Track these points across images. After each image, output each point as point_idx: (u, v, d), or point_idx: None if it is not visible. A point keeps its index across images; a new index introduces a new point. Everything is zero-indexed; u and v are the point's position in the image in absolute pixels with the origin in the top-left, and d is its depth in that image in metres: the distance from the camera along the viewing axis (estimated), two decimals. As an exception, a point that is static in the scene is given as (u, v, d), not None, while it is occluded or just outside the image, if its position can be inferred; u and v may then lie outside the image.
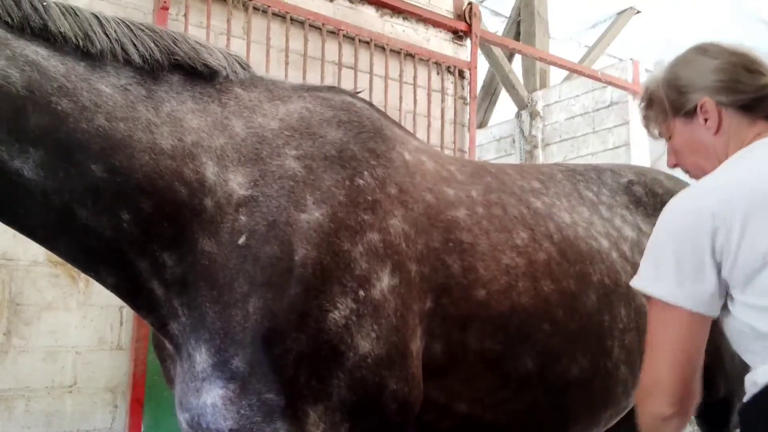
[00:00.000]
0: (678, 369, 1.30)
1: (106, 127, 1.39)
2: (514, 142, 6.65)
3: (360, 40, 4.10)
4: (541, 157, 6.31)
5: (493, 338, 1.71)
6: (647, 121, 1.62)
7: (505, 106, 7.11)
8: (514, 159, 6.56)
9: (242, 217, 1.46)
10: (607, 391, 1.98)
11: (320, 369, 1.43)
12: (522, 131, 6.47)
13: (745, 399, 1.29)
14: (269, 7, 3.75)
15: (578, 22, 7.95)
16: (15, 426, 2.94)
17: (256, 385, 1.42)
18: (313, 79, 3.82)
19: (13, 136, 1.32)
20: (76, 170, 1.37)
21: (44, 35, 1.40)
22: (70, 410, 3.08)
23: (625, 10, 7.53)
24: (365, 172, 1.60)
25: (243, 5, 3.70)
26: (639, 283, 1.36)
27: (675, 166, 1.61)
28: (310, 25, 3.90)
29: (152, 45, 1.52)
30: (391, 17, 4.43)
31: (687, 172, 1.60)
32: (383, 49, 4.20)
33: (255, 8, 3.73)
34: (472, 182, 1.88)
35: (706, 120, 1.46)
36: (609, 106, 5.93)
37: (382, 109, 4.05)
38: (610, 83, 5.66)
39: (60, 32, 1.41)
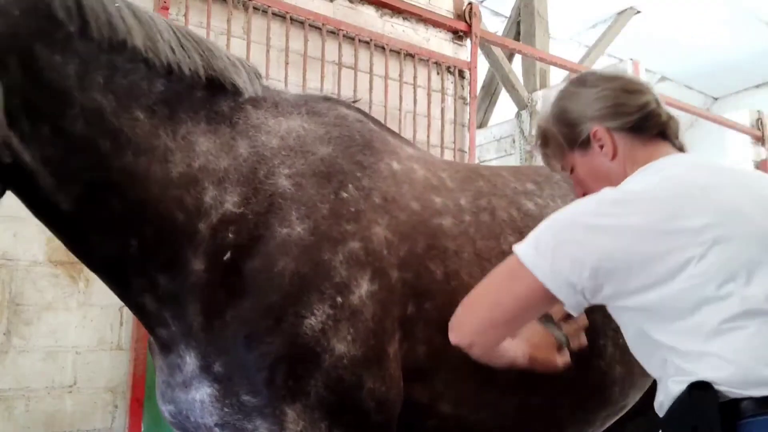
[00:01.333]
0: (498, 329, 1.36)
1: (132, 163, 1.45)
2: (514, 142, 6.65)
3: (360, 40, 4.10)
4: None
5: None
6: (547, 158, 1.64)
7: (505, 106, 7.10)
8: (514, 159, 6.56)
9: (230, 235, 1.53)
10: (602, 391, 1.97)
11: (297, 370, 1.49)
12: (522, 131, 6.46)
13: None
14: (269, 7, 3.75)
15: (578, 22, 7.95)
16: (15, 426, 2.94)
17: (235, 387, 1.49)
18: (313, 79, 3.83)
19: (67, 176, 1.39)
20: (101, 204, 1.45)
21: (119, 49, 1.45)
22: (70, 410, 3.08)
23: (625, 10, 7.52)
24: (350, 185, 1.66)
25: (243, 5, 3.70)
26: (518, 247, 1.34)
27: (584, 195, 1.60)
28: (310, 25, 3.90)
29: (197, 58, 1.57)
30: (391, 17, 4.43)
31: None
32: (383, 49, 4.20)
33: (255, 8, 3.73)
34: (462, 189, 1.91)
35: (601, 147, 1.49)
36: (609, 106, 5.92)
37: (382, 109, 4.06)
38: (610, 83, 5.65)
39: (134, 46, 1.47)
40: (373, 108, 4.01)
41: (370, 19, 4.31)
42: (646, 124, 1.48)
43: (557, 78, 6.81)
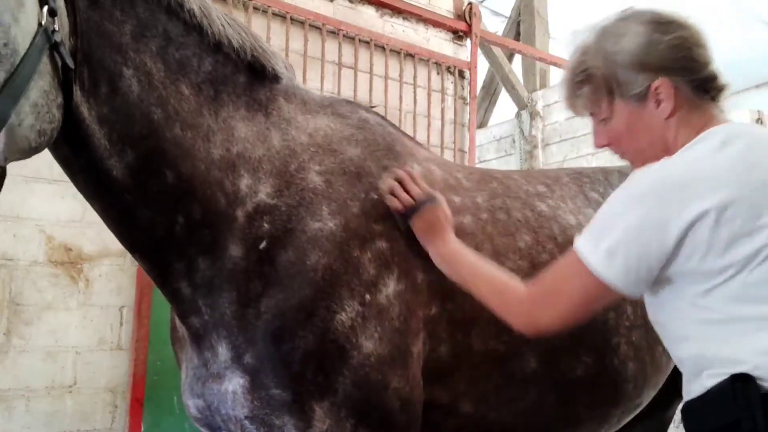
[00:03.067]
0: (569, 320, 1.39)
1: (180, 135, 1.47)
2: (514, 142, 6.65)
3: (360, 40, 4.10)
4: (541, 157, 6.30)
5: (497, 339, 1.75)
6: (578, 99, 1.41)
7: (505, 106, 7.10)
8: (514, 159, 6.56)
9: (265, 225, 1.55)
10: (616, 389, 2.00)
11: (326, 366, 1.50)
12: (522, 131, 6.46)
13: (691, 397, 1.30)
14: (269, 7, 3.76)
15: (578, 22, 7.95)
16: (15, 426, 2.95)
17: (264, 380, 1.50)
18: (313, 79, 3.83)
19: (120, 140, 1.41)
20: (153, 174, 1.45)
21: (176, 11, 1.49)
22: (70, 410, 3.08)
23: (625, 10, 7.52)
24: (378, 187, 1.68)
25: (243, 5, 3.70)
26: (582, 245, 1.31)
27: (604, 146, 1.43)
28: (310, 25, 3.90)
29: (245, 36, 1.62)
30: (391, 17, 4.43)
31: (622, 155, 1.43)
32: (383, 49, 4.20)
33: (255, 8, 3.73)
34: (478, 189, 1.94)
35: (658, 103, 1.31)
36: (609, 106, 5.92)
37: (382, 109, 4.06)
38: (610, 83, 5.66)
39: (191, 8, 1.51)
40: (373, 108, 4.02)
41: (370, 19, 4.31)
42: (709, 85, 1.31)
43: (557, 78, 6.81)
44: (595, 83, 1.37)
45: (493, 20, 7.56)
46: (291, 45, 3.78)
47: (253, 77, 1.64)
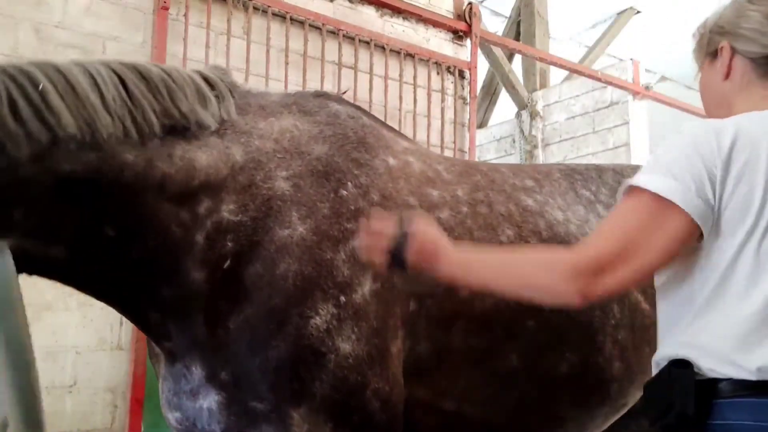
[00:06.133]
0: (640, 276, 1.22)
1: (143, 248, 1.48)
2: (514, 142, 6.65)
3: (360, 40, 4.10)
4: (541, 157, 6.30)
5: (478, 336, 1.74)
6: (694, 53, 1.53)
7: (505, 106, 7.10)
8: (514, 159, 6.56)
9: (229, 243, 1.52)
10: (601, 387, 1.99)
11: (302, 372, 1.49)
12: (522, 131, 6.46)
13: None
14: (269, 7, 3.76)
15: (578, 22, 7.95)
16: (15, 426, 2.94)
17: (240, 395, 1.49)
18: (313, 79, 3.83)
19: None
20: (103, 240, 1.44)
21: (53, 142, 1.34)
22: (70, 410, 3.08)
23: (625, 10, 7.52)
24: (348, 183, 1.65)
25: (243, 5, 3.70)
26: (638, 178, 1.23)
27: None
28: (310, 25, 3.90)
29: (152, 116, 1.46)
30: (391, 17, 4.43)
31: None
32: (383, 49, 4.20)
33: (255, 8, 3.73)
34: (459, 181, 1.89)
35: (720, 63, 1.40)
36: (609, 106, 5.93)
37: (382, 109, 4.06)
38: (610, 83, 5.66)
39: (67, 133, 1.35)
40: (373, 108, 4.01)
41: (370, 19, 4.31)
42: None
43: (557, 78, 6.81)
44: (699, 40, 1.49)
45: (493, 20, 7.55)
46: (291, 45, 3.78)
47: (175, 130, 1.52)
